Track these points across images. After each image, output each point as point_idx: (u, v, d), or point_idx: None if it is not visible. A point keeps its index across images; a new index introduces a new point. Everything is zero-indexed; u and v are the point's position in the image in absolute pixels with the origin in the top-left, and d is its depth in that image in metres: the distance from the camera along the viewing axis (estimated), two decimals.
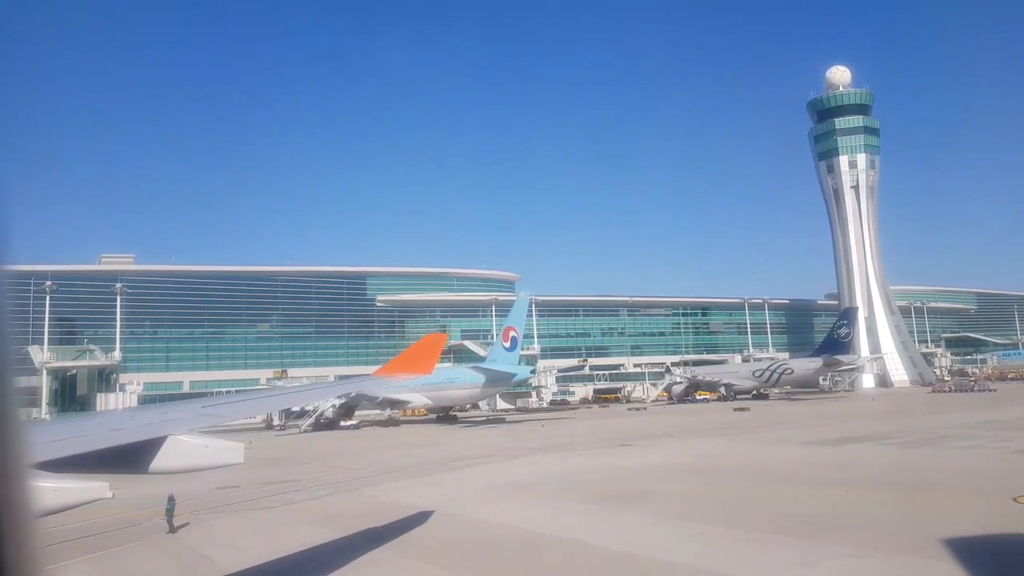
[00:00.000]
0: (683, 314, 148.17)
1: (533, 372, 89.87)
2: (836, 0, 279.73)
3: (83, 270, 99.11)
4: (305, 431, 77.97)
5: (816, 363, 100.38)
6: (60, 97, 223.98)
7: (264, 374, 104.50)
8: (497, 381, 75.05)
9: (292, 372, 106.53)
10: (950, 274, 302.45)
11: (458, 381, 78.63)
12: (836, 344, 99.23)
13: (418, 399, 79.71)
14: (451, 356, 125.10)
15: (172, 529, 23.10)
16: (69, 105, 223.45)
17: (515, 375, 74.91)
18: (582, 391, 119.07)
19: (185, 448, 7.56)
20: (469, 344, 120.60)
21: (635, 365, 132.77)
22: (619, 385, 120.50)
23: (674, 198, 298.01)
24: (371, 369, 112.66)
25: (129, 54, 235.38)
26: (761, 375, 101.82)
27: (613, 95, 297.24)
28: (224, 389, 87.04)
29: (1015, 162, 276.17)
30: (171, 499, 23.73)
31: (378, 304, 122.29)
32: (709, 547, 17.76)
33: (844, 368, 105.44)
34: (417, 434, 67.55)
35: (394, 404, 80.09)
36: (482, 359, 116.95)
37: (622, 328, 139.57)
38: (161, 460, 7.37)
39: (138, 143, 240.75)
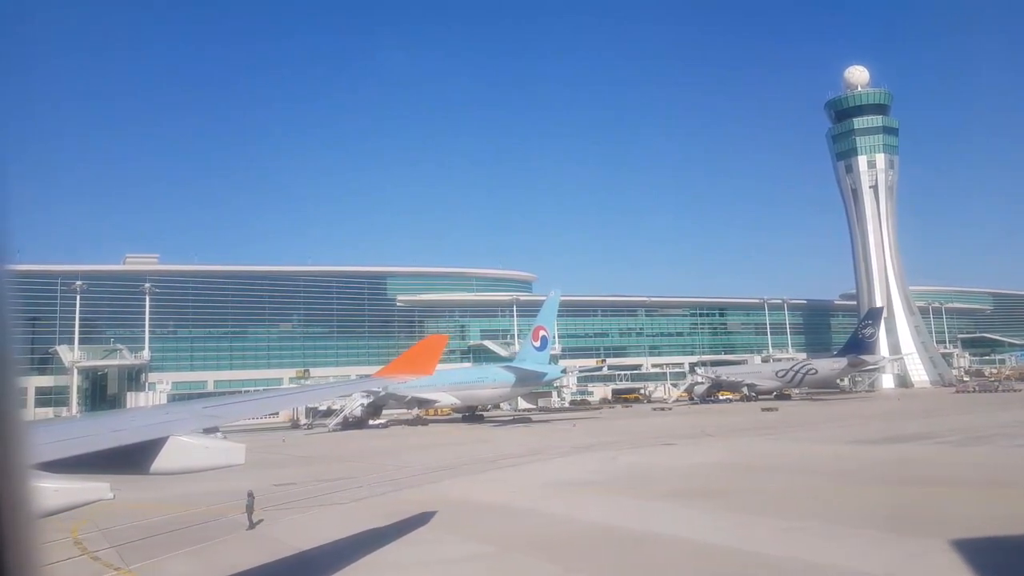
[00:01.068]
0: (701, 314, 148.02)
1: (564, 372, 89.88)
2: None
3: (108, 270, 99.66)
4: (333, 430, 78.24)
5: (841, 363, 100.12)
6: (77, 99, 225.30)
7: (287, 373, 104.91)
8: (527, 380, 75.07)
9: (314, 372, 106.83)
10: (965, 274, 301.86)
11: (487, 380, 78.66)
12: (861, 344, 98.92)
13: (446, 398, 79.84)
14: (470, 356, 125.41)
15: (252, 524, 23.18)
16: (87, 107, 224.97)
17: (546, 374, 74.93)
18: (601, 391, 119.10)
19: (186, 449, 7.51)
20: (489, 344, 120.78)
21: (653, 365, 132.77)
22: (638, 385, 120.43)
23: (684, 198, 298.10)
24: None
25: (140, 55, 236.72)
26: (784, 375, 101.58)
27: (625, 95, 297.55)
28: (247, 389, 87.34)
29: None
30: (250, 494, 23.85)
31: (398, 304, 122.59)
32: (814, 542, 17.75)
33: (868, 368, 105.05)
34: (450, 433, 67.59)
35: (422, 403, 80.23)
36: (502, 359, 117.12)
37: (640, 328, 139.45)
38: (162, 461, 7.34)
39: (160, 144, 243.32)
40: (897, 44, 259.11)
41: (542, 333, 74.15)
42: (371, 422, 78.89)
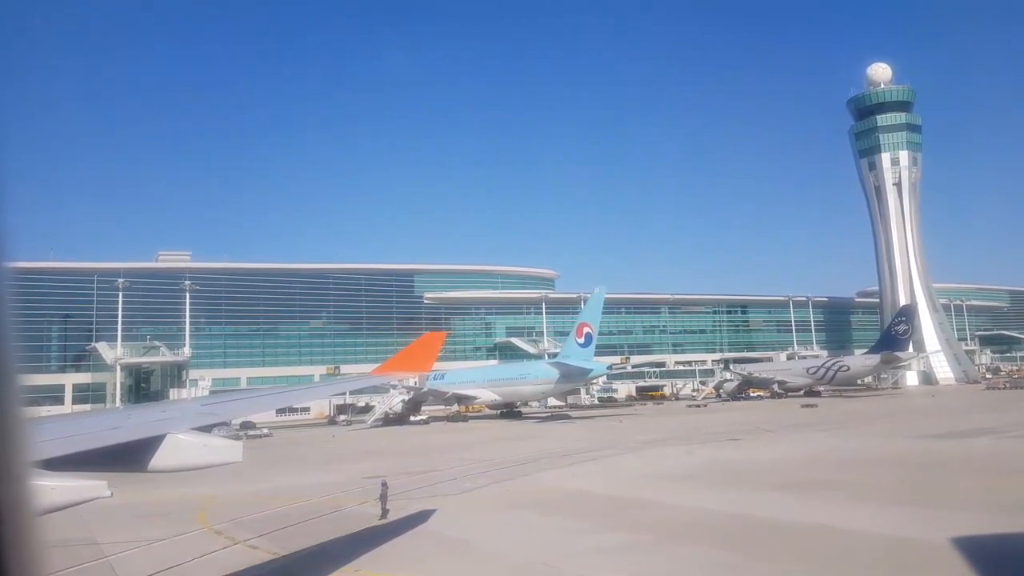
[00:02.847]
0: (723, 312, 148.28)
1: (610, 368, 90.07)
2: None
3: (142, 267, 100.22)
4: (373, 425, 78.79)
5: (874, 360, 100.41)
6: (94, 99, 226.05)
7: (318, 370, 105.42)
8: (572, 377, 75.36)
9: (344, 368, 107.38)
10: (982, 271, 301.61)
11: (530, 377, 78.98)
12: (894, 341, 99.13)
13: (486, 394, 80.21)
14: (496, 353, 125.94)
15: (385, 514, 23.53)
16: (111, 107, 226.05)
17: (591, 371, 75.19)
18: (625, 388, 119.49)
19: (184, 447, 7.49)
20: (517, 341, 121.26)
21: (676, 363, 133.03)
22: (662, 382, 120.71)
23: (693, 198, 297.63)
24: None
25: (164, 57, 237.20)
26: (816, 372, 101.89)
27: (645, 96, 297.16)
28: (279, 387, 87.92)
29: None
30: (384, 484, 24.20)
31: (426, 301, 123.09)
32: (961, 529, 17.83)
33: (899, 365, 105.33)
34: (499, 429, 67.87)
35: (461, 400, 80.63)
36: (529, 356, 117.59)
37: (664, 326, 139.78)
38: (160, 459, 7.33)
39: (186, 144, 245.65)
40: (919, 40, 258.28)
41: (586, 330, 74.41)
42: (412, 418, 79.36)
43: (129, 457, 7.23)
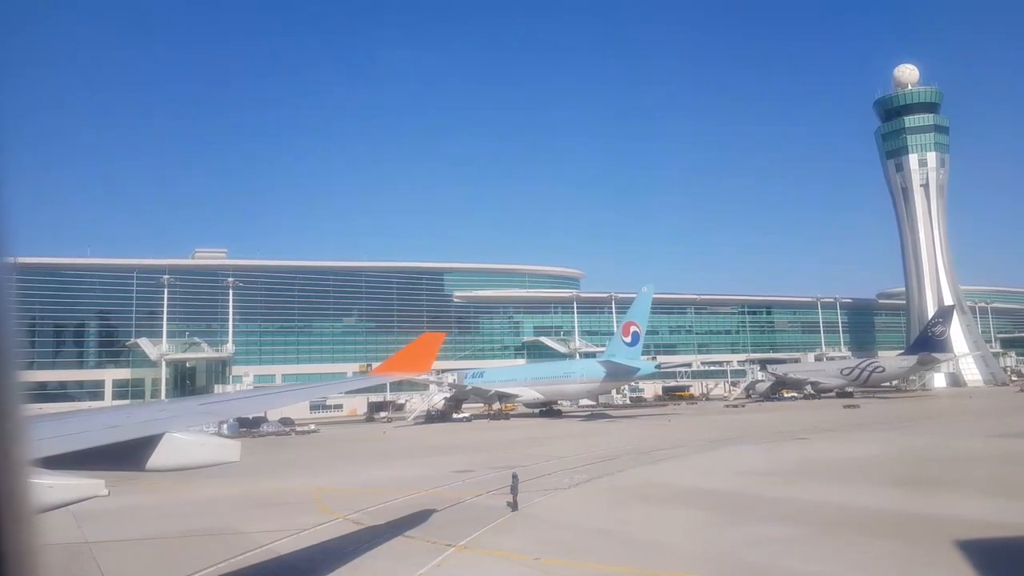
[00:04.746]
0: (748, 312, 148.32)
1: (658, 367, 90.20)
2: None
3: (178, 264, 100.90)
4: (415, 422, 79.25)
5: (910, 361, 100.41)
6: (118, 91, 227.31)
7: (350, 367, 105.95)
8: (619, 375, 75.54)
9: (376, 366, 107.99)
10: (1002, 274, 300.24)
11: (574, 375, 79.23)
12: (932, 342, 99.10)
13: (528, 393, 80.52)
14: (524, 352, 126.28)
15: (516, 507, 23.83)
16: (136, 102, 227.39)
17: (638, 370, 75.35)
18: (651, 388, 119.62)
19: (182, 446, 7.51)
20: (546, 340, 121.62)
21: (701, 363, 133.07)
22: (688, 383, 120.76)
23: (702, 199, 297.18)
24: (448, 364, 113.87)
25: (183, 56, 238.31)
26: (850, 373, 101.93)
27: (659, 95, 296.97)
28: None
29: None
30: (515, 476, 24.50)
31: (455, 300, 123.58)
32: None
33: (937, 366, 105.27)
34: (550, 427, 68.06)
35: (503, 397, 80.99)
36: (560, 355, 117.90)
37: (689, 326, 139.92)
38: (158, 458, 7.33)
39: (217, 141, 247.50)
40: (946, 41, 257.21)
41: (633, 328, 74.62)
42: (454, 415, 79.77)
43: (127, 456, 7.19)
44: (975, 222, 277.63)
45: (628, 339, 74.10)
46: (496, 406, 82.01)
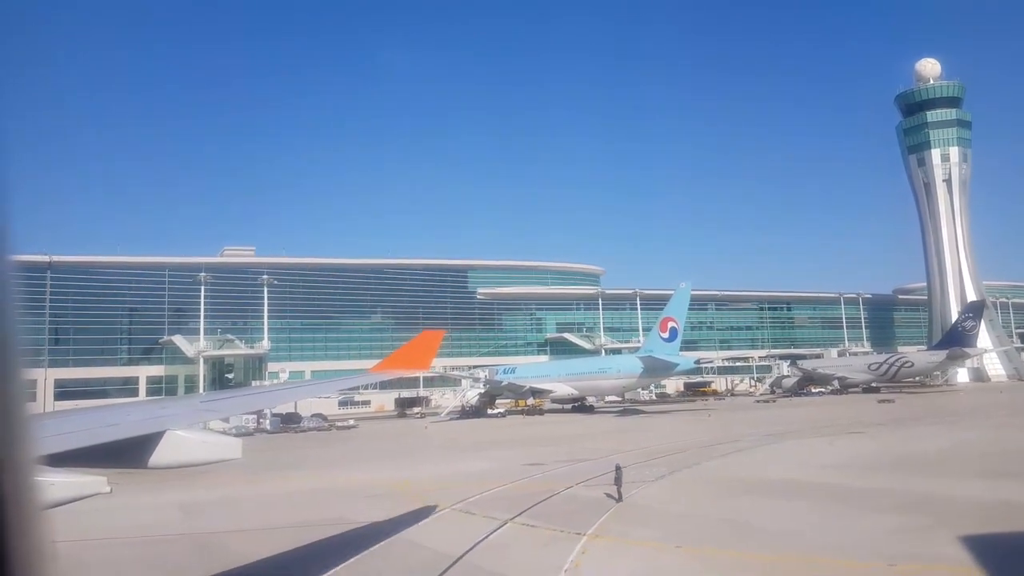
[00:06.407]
0: (768, 308, 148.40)
1: (698, 363, 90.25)
2: None
3: (207, 262, 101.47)
4: (451, 417, 79.70)
5: (939, 356, 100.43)
6: (133, 92, 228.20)
7: (376, 364, 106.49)
8: (657, 371, 75.72)
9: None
10: (1019, 269, 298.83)
11: (611, 371, 79.49)
12: (961, 337, 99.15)
13: (563, 388, 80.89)
14: (547, 349, 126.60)
15: (620, 498, 24.11)
16: (168, 98, 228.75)
17: (677, 365, 75.59)
18: (672, 384, 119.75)
19: (183, 443, 7.52)
20: (570, 337, 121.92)
21: (723, 359, 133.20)
22: (710, 379, 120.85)
23: (720, 196, 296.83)
24: (471, 360, 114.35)
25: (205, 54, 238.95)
26: (878, 368, 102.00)
27: (673, 89, 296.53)
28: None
29: None
30: (618, 467, 24.80)
31: (478, 297, 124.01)
32: None
33: (962, 361, 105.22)
34: (589, 422, 68.36)
35: (537, 393, 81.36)
36: (584, 351, 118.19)
37: (711, 322, 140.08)
38: (160, 455, 7.33)
39: (248, 141, 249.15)
40: (968, 36, 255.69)
41: (671, 324, 74.81)
42: (489, 411, 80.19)
43: (129, 453, 7.22)
44: (996, 217, 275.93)
45: (666, 335, 74.30)
46: (530, 402, 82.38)
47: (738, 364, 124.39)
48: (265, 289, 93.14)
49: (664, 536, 18.96)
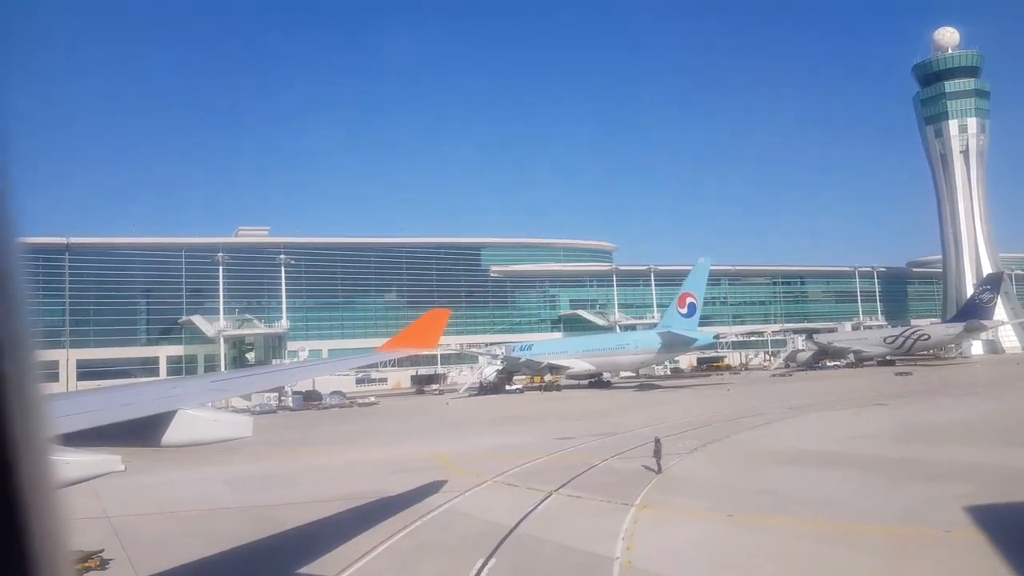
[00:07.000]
0: (781, 283, 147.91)
1: (717, 338, 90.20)
2: None
3: (223, 242, 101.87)
4: (470, 394, 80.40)
5: (956, 328, 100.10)
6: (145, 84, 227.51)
7: None
8: (675, 346, 75.94)
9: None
10: None
11: (629, 347, 79.78)
12: (979, 309, 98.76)
13: (580, 364, 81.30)
14: (561, 325, 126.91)
15: (660, 470, 24.45)
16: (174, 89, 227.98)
17: (696, 340, 75.69)
18: (685, 359, 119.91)
19: (195, 422, 7.66)
20: (584, 313, 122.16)
21: (736, 335, 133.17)
22: (723, 353, 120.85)
23: (743, 168, 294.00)
24: (485, 338, 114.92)
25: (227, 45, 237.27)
26: (893, 341, 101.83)
27: (685, 60, 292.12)
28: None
29: None
30: (657, 441, 25.11)
31: (492, 274, 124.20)
32: None
33: (979, 334, 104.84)
34: (608, 396, 68.73)
35: (555, 369, 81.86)
36: (599, 328, 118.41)
37: (724, 297, 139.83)
38: (172, 434, 7.46)
39: (261, 125, 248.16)
40: (987, 3, 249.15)
41: (689, 300, 74.76)
42: (507, 387, 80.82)
43: (142, 432, 7.37)
44: (1012, 188, 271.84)
45: (684, 310, 74.31)
46: (547, 378, 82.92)
47: (752, 339, 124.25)
48: (283, 269, 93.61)
49: (711, 506, 19.29)
